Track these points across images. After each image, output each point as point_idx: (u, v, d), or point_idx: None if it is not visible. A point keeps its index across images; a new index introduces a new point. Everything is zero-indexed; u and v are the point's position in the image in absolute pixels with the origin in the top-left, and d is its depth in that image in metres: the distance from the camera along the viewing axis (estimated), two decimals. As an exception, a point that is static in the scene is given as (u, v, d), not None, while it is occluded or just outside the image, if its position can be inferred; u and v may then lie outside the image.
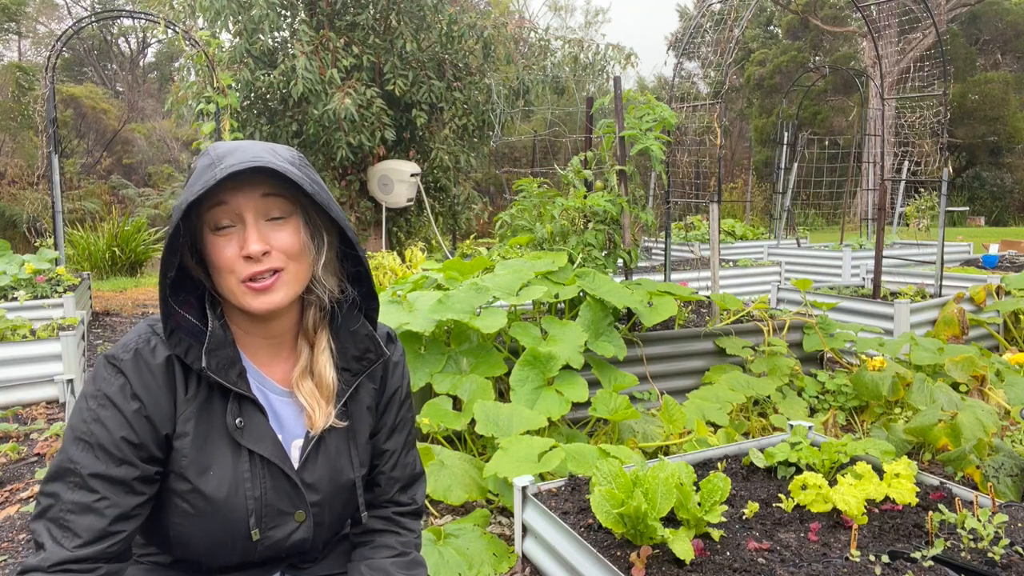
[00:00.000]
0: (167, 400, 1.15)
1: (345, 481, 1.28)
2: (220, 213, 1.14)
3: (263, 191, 1.14)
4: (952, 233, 13.25)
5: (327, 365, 1.26)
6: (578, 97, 9.24)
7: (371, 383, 1.33)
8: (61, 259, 6.18)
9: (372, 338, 1.29)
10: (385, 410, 1.36)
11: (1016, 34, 22.34)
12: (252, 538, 1.18)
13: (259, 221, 1.14)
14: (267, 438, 1.20)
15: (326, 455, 1.26)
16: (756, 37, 26.14)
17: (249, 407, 1.20)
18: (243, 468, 1.18)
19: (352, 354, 1.29)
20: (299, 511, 1.23)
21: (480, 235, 10.70)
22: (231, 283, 1.15)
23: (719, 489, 2.04)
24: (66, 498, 1.08)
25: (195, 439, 1.16)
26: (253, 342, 1.25)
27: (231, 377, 1.17)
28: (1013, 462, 2.73)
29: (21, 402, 4.07)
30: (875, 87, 13.69)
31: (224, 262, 1.14)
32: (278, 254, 1.15)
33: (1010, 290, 5.49)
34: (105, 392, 1.12)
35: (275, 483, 1.20)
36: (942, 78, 5.94)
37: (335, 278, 1.26)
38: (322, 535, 1.29)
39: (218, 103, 6.05)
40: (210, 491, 1.15)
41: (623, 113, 4.16)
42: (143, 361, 1.14)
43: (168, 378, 1.15)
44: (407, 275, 4.60)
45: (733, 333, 4.03)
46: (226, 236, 1.14)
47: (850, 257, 8.47)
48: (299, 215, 1.19)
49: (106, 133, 21.03)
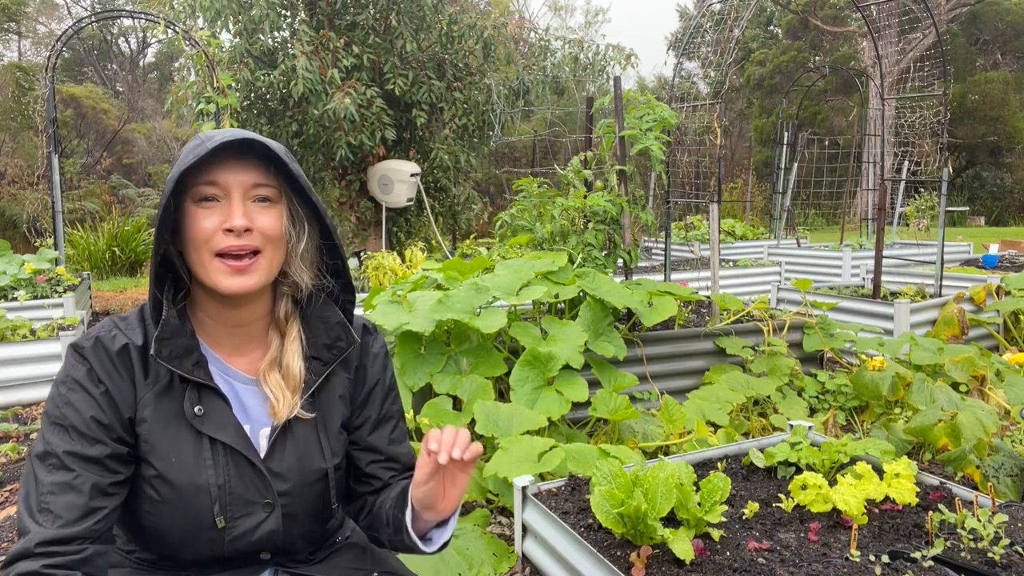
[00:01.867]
0: (127, 385, 1.17)
1: (315, 470, 1.27)
2: (208, 188, 1.16)
3: (253, 179, 1.17)
4: (952, 233, 13.25)
5: (295, 356, 1.26)
6: (578, 97, 9.24)
7: (345, 372, 1.33)
8: (61, 259, 6.18)
9: (343, 326, 1.30)
10: (367, 402, 1.35)
11: (1016, 34, 22.34)
12: (217, 526, 1.18)
13: (246, 201, 1.17)
14: (229, 426, 1.21)
15: (294, 444, 1.25)
16: (756, 37, 26.14)
17: (210, 395, 1.21)
18: (205, 455, 1.18)
19: (323, 342, 1.29)
20: (266, 500, 1.22)
21: (480, 235, 10.70)
22: (204, 258, 1.16)
23: (719, 489, 2.04)
24: (45, 480, 1.10)
25: (154, 425, 1.17)
26: (220, 330, 1.26)
27: (186, 366, 1.18)
28: (1013, 462, 2.73)
29: (21, 402, 4.08)
30: (875, 87, 13.69)
31: (203, 232, 1.15)
32: (259, 234, 1.17)
33: (1010, 290, 5.49)
34: (73, 376, 1.15)
35: (240, 471, 1.20)
36: (942, 78, 5.94)
37: (310, 270, 1.27)
38: (296, 528, 1.27)
39: (218, 103, 6.05)
40: (172, 477, 1.16)
41: (623, 113, 4.16)
42: (103, 347, 1.17)
43: (125, 364, 1.18)
44: (407, 275, 4.60)
45: (733, 333, 4.03)
46: (209, 208, 1.16)
47: (850, 257, 8.48)
48: (283, 203, 1.21)
49: (106, 133, 21.03)
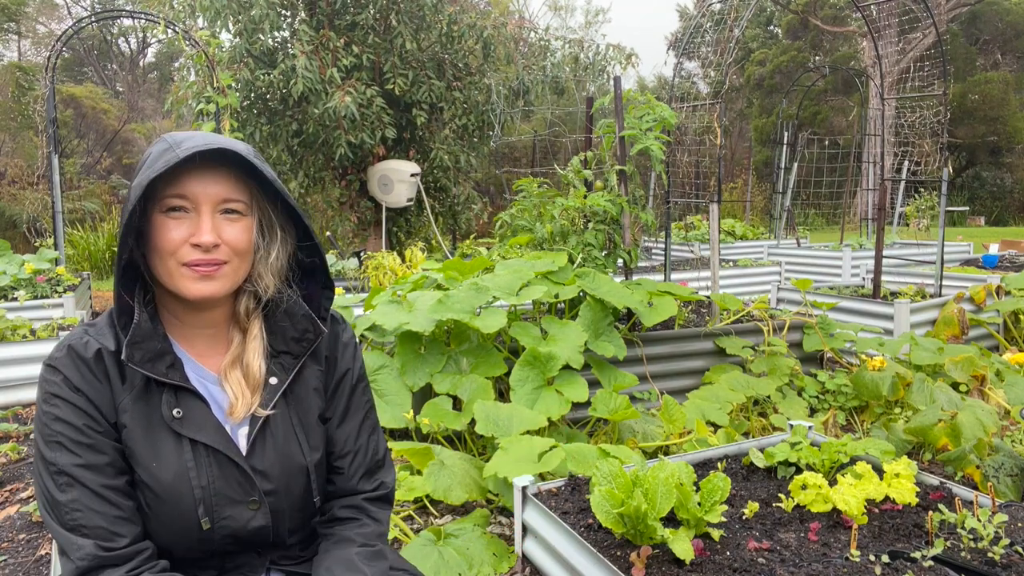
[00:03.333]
0: (105, 390, 1.16)
1: (297, 466, 1.26)
2: (177, 199, 1.14)
3: (224, 193, 1.16)
4: (952, 233, 13.25)
5: (255, 354, 1.26)
6: (578, 97, 9.24)
7: (316, 364, 1.32)
8: (61, 259, 6.18)
9: (309, 317, 1.29)
10: (335, 393, 1.35)
11: (1016, 34, 22.33)
12: (203, 528, 1.18)
13: (215, 214, 1.16)
14: (209, 426, 1.20)
15: (273, 440, 1.25)
16: (756, 37, 26.13)
17: (187, 397, 1.20)
18: (187, 458, 1.18)
19: (291, 335, 1.29)
20: (252, 499, 1.22)
21: (480, 235, 10.70)
22: (170, 265, 1.15)
23: (719, 489, 2.04)
24: (62, 499, 1.10)
25: (135, 430, 1.17)
26: (190, 332, 1.25)
27: (159, 369, 1.17)
28: (1013, 462, 2.73)
29: (21, 402, 4.08)
30: (875, 87, 13.69)
31: (169, 244, 1.14)
32: (226, 248, 1.16)
33: (1010, 290, 5.49)
34: (52, 392, 1.14)
35: (223, 471, 1.20)
36: (942, 78, 5.94)
37: (276, 278, 1.26)
38: (284, 523, 1.27)
39: (218, 103, 6.05)
40: (156, 481, 1.16)
41: (623, 113, 4.16)
42: (76, 355, 1.16)
43: (101, 370, 1.17)
44: (407, 275, 4.60)
45: (733, 333, 4.03)
46: (177, 219, 1.14)
47: (850, 257, 8.48)
48: (253, 215, 1.20)
49: (106, 133, 21.01)
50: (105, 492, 1.12)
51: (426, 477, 2.53)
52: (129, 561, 1.12)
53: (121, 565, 1.11)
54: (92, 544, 1.09)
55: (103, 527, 1.11)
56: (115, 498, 1.13)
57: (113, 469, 1.14)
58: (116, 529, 1.12)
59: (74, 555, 1.09)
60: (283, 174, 8.28)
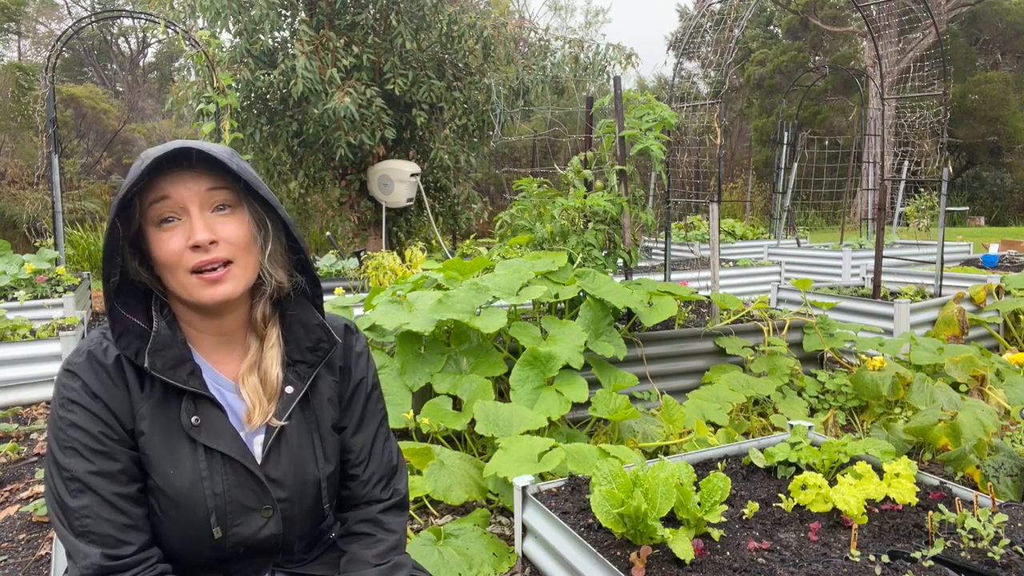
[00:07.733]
0: (124, 397, 1.16)
1: (310, 476, 1.27)
2: (164, 208, 1.14)
3: (207, 185, 1.16)
4: (952, 233, 13.25)
5: (274, 362, 1.26)
6: (578, 97, 9.24)
7: (330, 375, 1.33)
8: (61, 259, 6.18)
9: (323, 327, 1.30)
10: (351, 402, 1.35)
11: (1016, 34, 22.33)
12: (214, 536, 1.18)
13: (204, 212, 1.16)
14: (226, 434, 1.20)
15: (288, 449, 1.25)
16: (756, 37, 26.13)
17: (205, 404, 1.20)
18: (202, 466, 1.18)
19: (306, 345, 1.29)
20: (265, 507, 1.22)
21: (480, 235, 10.69)
22: (180, 277, 1.15)
23: (719, 489, 2.04)
24: (73, 505, 1.10)
25: (153, 437, 1.17)
26: (207, 340, 1.26)
27: (180, 376, 1.18)
28: (1013, 462, 2.73)
29: (21, 402, 4.08)
30: (875, 87, 13.68)
31: (170, 255, 1.14)
32: (225, 244, 1.16)
33: (1010, 290, 5.49)
34: (69, 397, 1.14)
35: (238, 479, 1.20)
36: (942, 78, 5.94)
37: (283, 270, 1.27)
38: (295, 530, 1.28)
39: (218, 103, 6.05)
40: (171, 488, 1.16)
41: (623, 113, 4.16)
42: (96, 361, 1.16)
43: (120, 377, 1.17)
44: (407, 275, 4.60)
45: (733, 333, 4.03)
46: (171, 230, 1.15)
47: (850, 257, 8.47)
48: (244, 207, 1.20)
49: (106, 133, 21.01)
50: (116, 500, 1.12)
51: (426, 477, 2.53)
52: (133, 569, 1.12)
53: (124, 572, 1.11)
54: (98, 553, 1.10)
55: (111, 535, 1.11)
56: (125, 506, 1.13)
57: (126, 476, 1.14)
58: (124, 537, 1.12)
59: (80, 563, 1.10)
60: (283, 174, 8.29)
